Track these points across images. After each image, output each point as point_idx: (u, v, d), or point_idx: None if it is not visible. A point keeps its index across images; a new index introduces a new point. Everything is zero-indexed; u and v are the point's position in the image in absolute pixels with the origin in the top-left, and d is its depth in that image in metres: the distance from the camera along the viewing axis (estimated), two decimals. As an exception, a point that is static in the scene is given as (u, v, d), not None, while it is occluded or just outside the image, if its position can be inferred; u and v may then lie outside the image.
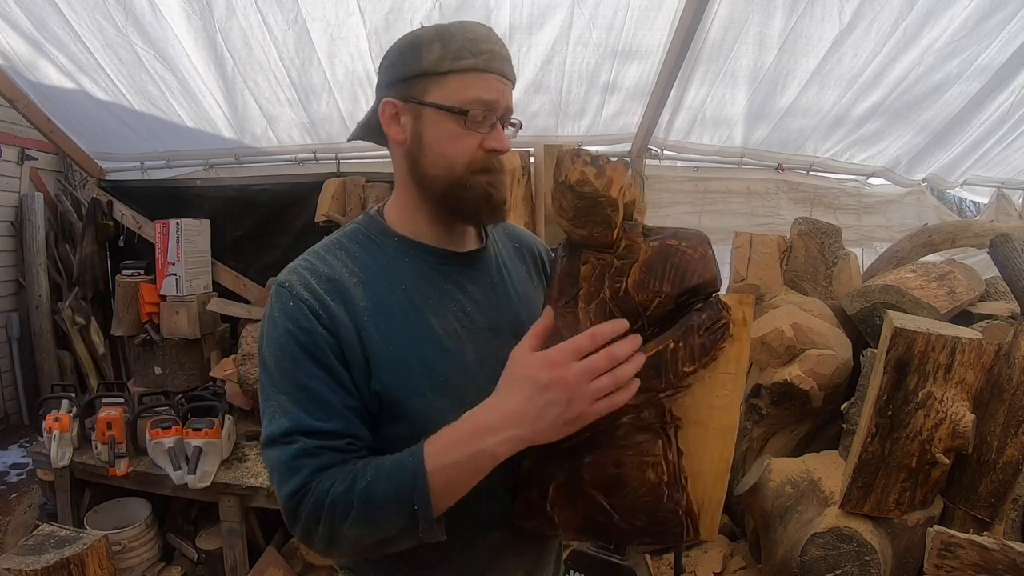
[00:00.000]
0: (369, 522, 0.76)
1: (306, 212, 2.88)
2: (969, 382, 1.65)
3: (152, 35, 2.38)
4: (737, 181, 3.06)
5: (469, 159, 0.86)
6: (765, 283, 2.38)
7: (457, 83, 0.85)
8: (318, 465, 0.78)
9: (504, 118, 0.89)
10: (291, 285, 0.85)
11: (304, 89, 2.62)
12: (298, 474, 0.78)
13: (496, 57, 0.87)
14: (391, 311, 0.86)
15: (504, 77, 0.88)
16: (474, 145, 0.86)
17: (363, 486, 0.76)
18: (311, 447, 0.79)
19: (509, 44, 2.43)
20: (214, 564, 2.41)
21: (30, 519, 2.81)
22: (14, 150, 4.78)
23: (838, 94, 2.70)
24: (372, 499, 0.75)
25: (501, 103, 0.87)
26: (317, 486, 0.77)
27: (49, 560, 1.62)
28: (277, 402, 0.82)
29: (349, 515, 0.75)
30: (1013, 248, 2.00)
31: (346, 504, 0.75)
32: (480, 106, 0.85)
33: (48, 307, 4.75)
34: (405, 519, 0.75)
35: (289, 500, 0.78)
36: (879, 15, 2.34)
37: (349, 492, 0.76)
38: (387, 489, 0.75)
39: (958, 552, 1.40)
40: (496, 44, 0.89)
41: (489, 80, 0.86)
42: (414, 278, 0.90)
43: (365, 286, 0.86)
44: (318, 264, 0.87)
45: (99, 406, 2.48)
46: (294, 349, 0.82)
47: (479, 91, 0.85)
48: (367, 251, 0.91)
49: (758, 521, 2.03)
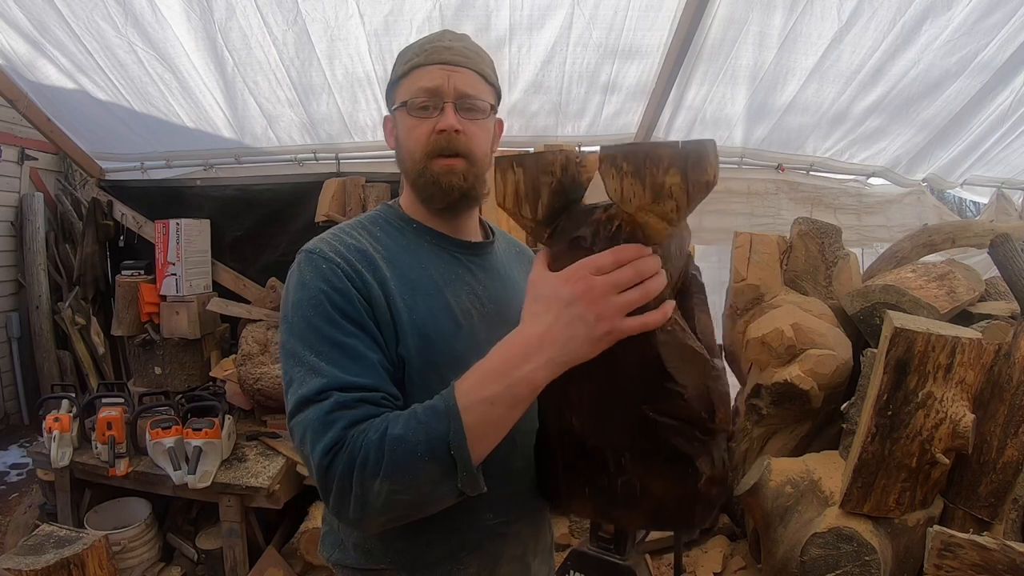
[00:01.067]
0: (403, 473, 0.72)
1: (306, 212, 2.87)
2: (969, 382, 1.64)
3: (152, 35, 2.38)
4: (737, 181, 3.05)
5: (423, 144, 0.92)
6: (765, 283, 2.37)
7: (407, 82, 0.95)
8: (354, 418, 0.75)
9: (461, 101, 0.93)
10: (321, 251, 0.87)
11: (304, 89, 2.62)
12: (332, 428, 0.74)
13: (439, 50, 0.93)
14: (414, 286, 0.90)
15: (448, 64, 0.92)
16: (427, 131, 0.92)
17: (395, 434, 0.73)
18: (346, 400, 0.76)
19: (509, 44, 2.47)
20: (214, 564, 2.41)
21: (30, 519, 2.81)
22: (14, 150, 4.78)
23: (837, 90, 2.70)
24: (402, 445, 0.72)
25: (446, 87, 0.92)
26: (352, 439, 0.74)
27: (49, 560, 1.62)
28: (308, 364, 0.80)
29: (381, 466, 0.71)
30: (1013, 248, 2.00)
31: (378, 454, 0.72)
32: (421, 93, 0.92)
33: (48, 307, 4.75)
34: (442, 465, 0.72)
35: (323, 457, 0.74)
36: (878, 10, 2.34)
37: (381, 441, 0.72)
38: (417, 433, 0.72)
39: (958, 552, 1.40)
40: (444, 41, 0.95)
41: (430, 70, 0.92)
42: (433, 259, 0.95)
43: (389, 262, 0.91)
44: (345, 237, 0.91)
45: (99, 406, 2.48)
46: (327, 309, 0.82)
47: (419, 81, 0.93)
48: (388, 234, 0.96)
49: (758, 521, 2.03)
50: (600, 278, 0.70)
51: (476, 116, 0.94)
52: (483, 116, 0.95)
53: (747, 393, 2.37)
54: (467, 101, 0.93)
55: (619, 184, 0.68)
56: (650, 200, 0.67)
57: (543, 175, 0.76)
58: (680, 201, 0.67)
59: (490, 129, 0.99)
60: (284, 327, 0.86)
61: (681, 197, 0.67)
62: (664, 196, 0.67)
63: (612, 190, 0.69)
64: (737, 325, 2.40)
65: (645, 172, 0.66)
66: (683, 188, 0.66)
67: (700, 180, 0.66)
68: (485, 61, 0.98)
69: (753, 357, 2.30)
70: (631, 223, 0.71)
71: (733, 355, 2.49)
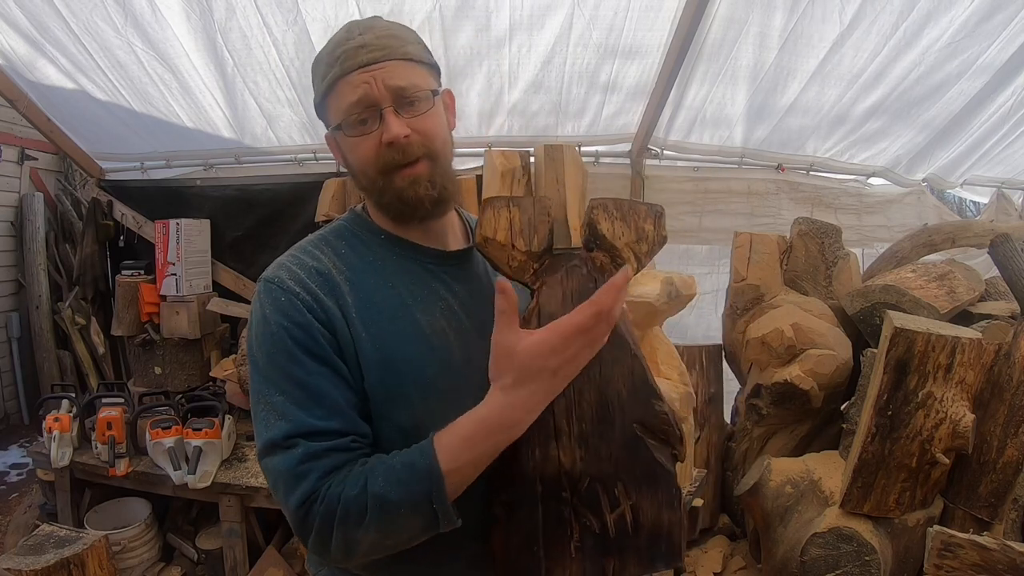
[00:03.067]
0: (387, 527, 0.73)
1: (306, 212, 2.87)
2: (969, 382, 1.65)
3: (152, 36, 2.38)
4: (737, 181, 3.05)
5: (374, 162, 0.84)
6: (765, 283, 2.38)
7: (332, 100, 0.86)
8: (325, 468, 0.75)
9: (398, 98, 0.83)
10: (280, 280, 0.82)
11: (304, 89, 2.62)
12: (305, 480, 0.74)
13: (352, 52, 0.83)
14: (379, 309, 0.84)
15: (367, 66, 0.82)
16: (373, 146, 0.83)
17: (376, 491, 0.73)
18: (315, 450, 0.75)
19: (509, 44, 2.47)
20: (214, 564, 2.41)
21: (30, 519, 2.80)
22: (14, 150, 4.78)
23: (838, 93, 2.70)
24: (387, 504, 0.72)
25: (373, 91, 0.82)
26: (327, 492, 0.73)
27: (49, 560, 1.62)
28: (273, 404, 0.78)
29: (364, 521, 0.72)
30: (1013, 248, 2.00)
31: (360, 509, 0.72)
32: (351, 110, 0.83)
33: (48, 307, 4.76)
34: (424, 519, 0.74)
35: (298, 510, 0.74)
36: (880, 15, 2.34)
37: (362, 496, 0.73)
38: (400, 493, 0.73)
39: (958, 552, 1.40)
40: (354, 38, 0.84)
41: (351, 80, 0.82)
42: (402, 275, 0.88)
43: (351, 283, 0.84)
44: (305, 258, 0.85)
45: (99, 406, 2.48)
46: (289, 345, 0.78)
47: (346, 97, 0.83)
48: (353, 248, 0.89)
49: (758, 521, 2.03)
50: (581, 340, 0.74)
51: (421, 109, 0.84)
52: (428, 106, 0.85)
53: (747, 393, 2.37)
54: (404, 97, 0.83)
55: (611, 225, 0.83)
56: (634, 239, 0.84)
57: (540, 215, 0.84)
58: (650, 245, 0.85)
59: (440, 112, 0.89)
60: (249, 362, 0.83)
61: (651, 242, 0.85)
62: (642, 238, 0.84)
63: (605, 229, 0.83)
64: (737, 325, 2.40)
65: (630, 218, 0.84)
66: (653, 235, 0.85)
67: (661, 234, 0.85)
68: (408, 40, 0.87)
69: (753, 357, 2.30)
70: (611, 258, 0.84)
71: (733, 355, 2.49)
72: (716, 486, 2.53)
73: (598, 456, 0.79)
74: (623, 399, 0.79)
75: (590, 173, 2.82)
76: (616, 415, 0.79)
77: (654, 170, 2.98)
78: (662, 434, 0.80)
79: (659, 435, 0.80)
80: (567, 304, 0.79)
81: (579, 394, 0.78)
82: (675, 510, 0.80)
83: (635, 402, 0.79)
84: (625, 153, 2.95)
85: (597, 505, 0.79)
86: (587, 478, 0.79)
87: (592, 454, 0.79)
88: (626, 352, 0.80)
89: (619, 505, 0.79)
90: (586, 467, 0.79)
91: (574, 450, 0.79)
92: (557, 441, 0.79)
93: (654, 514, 0.79)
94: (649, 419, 0.80)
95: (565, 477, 0.79)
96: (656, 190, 2.96)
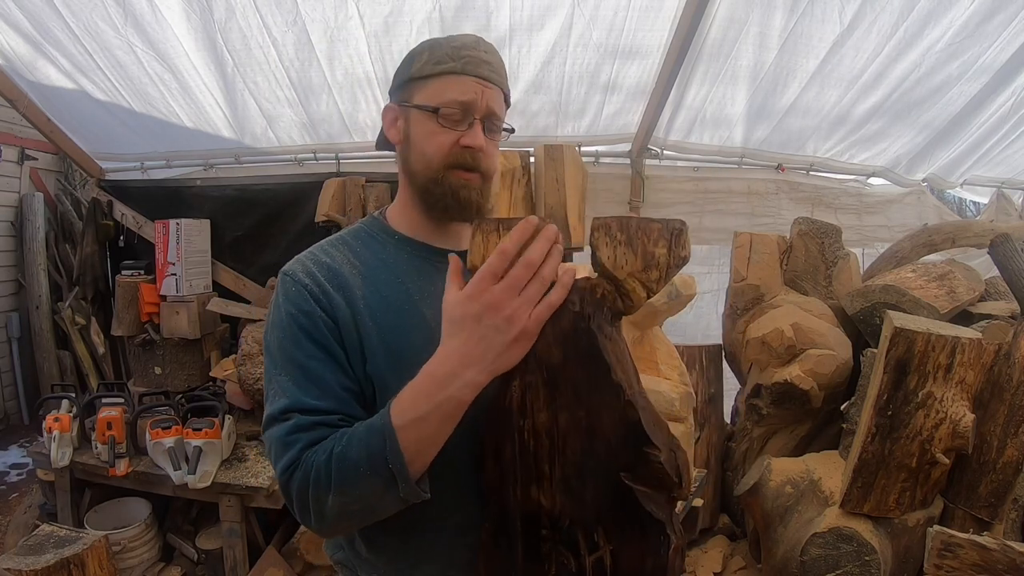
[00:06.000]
0: (348, 487, 0.77)
1: (306, 212, 2.87)
2: (969, 382, 1.64)
3: (152, 36, 2.38)
4: (738, 181, 3.05)
5: (444, 154, 0.91)
6: (765, 283, 2.37)
7: (437, 85, 0.92)
8: (310, 440, 0.81)
9: (488, 120, 0.93)
10: (294, 273, 0.91)
11: (304, 89, 2.62)
12: (292, 448, 0.80)
13: (475, 62, 0.92)
14: (388, 302, 0.90)
15: (485, 80, 0.92)
16: (450, 142, 0.91)
17: (338, 452, 0.77)
18: (304, 423, 0.81)
19: (509, 44, 2.47)
20: (214, 564, 2.41)
21: (30, 519, 2.80)
22: (14, 150, 4.78)
23: (839, 94, 2.70)
24: (346, 463, 0.77)
25: (479, 103, 0.91)
26: (306, 459, 0.79)
27: (49, 560, 1.62)
28: (278, 383, 0.85)
29: (330, 483, 0.77)
30: (1013, 248, 2.00)
31: (327, 471, 0.77)
32: (455, 105, 0.90)
33: (48, 307, 4.76)
34: (383, 479, 0.76)
35: (283, 475, 0.80)
36: (880, 16, 2.34)
37: (328, 460, 0.77)
38: (359, 451, 0.77)
39: (958, 552, 1.40)
40: (480, 51, 0.93)
41: (465, 82, 0.91)
42: (412, 273, 0.94)
43: (364, 278, 0.91)
44: (320, 255, 0.93)
45: (99, 406, 2.48)
46: (295, 331, 0.86)
47: (455, 92, 0.90)
48: (368, 247, 0.96)
49: (758, 521, 2.03)
50: (498, 285, 0.74)
51: (496, 137, 0.96)
52: (501, 138, 0.97)
53: (747, 393, 2.37)
54: (493, 122, 0.94)
55: (612, 251, 0.73)
56: (640, 268, 0.74)
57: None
58: (662, 271, 0.74)
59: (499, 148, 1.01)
60: (265, 344, 0.91)
61: (663, 267, 0.74)
62: (651, 265, 0.73)
63: (605, 257, 0.74)
64: (737, 325, 2.40)
65: (637, 242, 0.73)
66: (667, 259, 0.74)
67: (680, 254, 0.74)
68: (506, 80, 0.99)
69: (753, 357, 2.30)
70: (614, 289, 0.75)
71: (733, 355, 2.49)
72: (716, 486, 2.53)
73: (581, 501, 0.78)
74: (612, 447, 0.76)
75: (590, 173, 2.82)
76: (602, 463, 0.77)
77: (654, 170, 2.98)
78: (655, 482, 0.77)
79: (652, 483, 0.77)
80: (557, 348, 0.76)
81: (564, 440, 0.77)
82: (660, 557, 0.77)
83: (625, 451, 0.76)
84: (625, 153, 2.96)
85: (576, 546, 0.79)
86: (567, 519, 0.79)
87: (574, 499, 0.78)
88: (618, 399, 0.75)
89: (598, 549, 0.78)
90: (566, 510, 0.78)
91: (555, 495, 0.78)
92: (538, 485, 0.78)
93: (636, 561, 0.78)
94: (640, 468, 0.76)
95: (545, 516, 0.79)
96: (656, 190, 2.96)
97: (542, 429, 0.78)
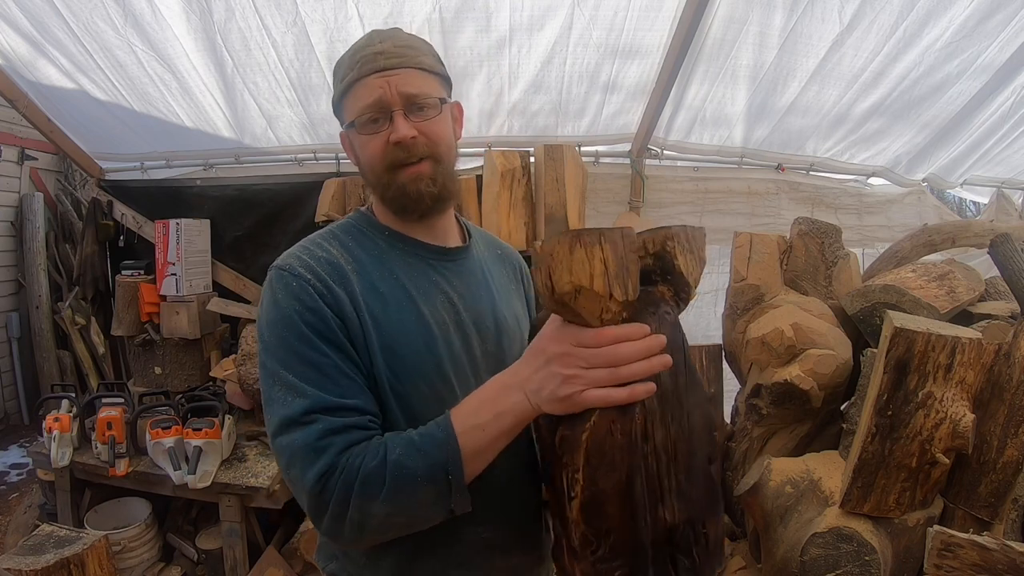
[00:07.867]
0: (403, 495, 0.74)
1: (306, 212, 2.87)
2: (969, 382, 1.64)
3: (152, 36, 2.38)
4: (738, 181, 3.05)
5: (381, 159, 0.91)
6: (765, 283, 2.37)
7: (349, 100, 0.92)
8: (345, 443, 0.76)
9: (409, 105, 0.89)
10: (291, 267, 0.86)
11: (304, 89, 2.62)
12: (325, 454, 0.75)
13: (368, 58, 0.90)
14: (384, 298, 0.88)
15: (383, 71, 0.89)
16: (380, 145, 0.90)
17: (395, 459, 0.74)
18: (335, 425, 0.77)
19: (509, 44, 2.47)
20: (214, 564, 2.41)
21: (30, 519, 2.81)
22: (14, 150, 4.78)
23: (838, 93, 2.70)
24: (404, 471, 0.74)
25: (387, 96, 0.89)
26: (347, 464, 0.75)
27: (49, 560, 1.62)
28: (288, 384, 0.80)
29: (382, 491, 0.74)
30: (1013, 248, 2.00)
31: (379, 479, 0.74)
32: (365, 111, 0.90)
33: (48, 307, 4.76)
34: (439, 488, 0.75)
35: (316, 483, 0.75)
36: (879, 15, 2.34)
37: (382, 466, 0.74)
38: (418, 459, 0.75)
39: (958, 552, 1.40)
40: (375, 44, 0.91)
41: (366, 83, 0.90)
42: (405, 268, 0.93)
43: (359, 274, 0.89)
44: (315, 249, 0.90)
45: (99, 406, 2.48)
46: (302, 329, 0.82)
47: (362, 98, 0.90)
48: (359, 243, 0.94)
49: (758, 521, 2.03)
50: (577, 349, 0.72)
51: (429, 115, 0.91)
52: (436, 112, 0.92)
53: (747, 393, 2.37)
54: (415, 103, 0.90)
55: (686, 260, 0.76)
56: (700, 272, 0.79)
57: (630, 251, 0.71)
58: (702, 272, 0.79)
59: (447, 120, 0.96)
60: (261, 346, 0.86)
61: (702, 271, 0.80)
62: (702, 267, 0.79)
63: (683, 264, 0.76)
64: (737, 325, 2.39)
65: (695, 247, 0.78)
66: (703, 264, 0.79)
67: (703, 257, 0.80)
68: (423, 51, 0.94)
69: (753, 357, 2.30)
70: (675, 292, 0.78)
71: (733, 355, 2.49)
72: (716, 486, 2.53)
73: (691, 501, 0.79)
74: (702, 440, 0.79)
75: (590, 173, 2.82)
76: (698, 459, 0.79)
77: (654, 170, 2.98)
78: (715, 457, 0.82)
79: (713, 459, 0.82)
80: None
81: (675, 449, 0.77)
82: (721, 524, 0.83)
83: (706, 440, 0.80)
84: (625, 153, 2.95)
85: (689, 547, 0.79)
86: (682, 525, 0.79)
87: (686, 502, 0.79)
88: (702, 395, 0.79)
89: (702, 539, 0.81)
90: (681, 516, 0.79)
91: (674, 505, 0.78)
92: (663, 502, 0.78)
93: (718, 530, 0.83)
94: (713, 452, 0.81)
95: (667, 532, 0.79)
96: (656, 190, 2.96)
97: (660, 447, 0.77)
